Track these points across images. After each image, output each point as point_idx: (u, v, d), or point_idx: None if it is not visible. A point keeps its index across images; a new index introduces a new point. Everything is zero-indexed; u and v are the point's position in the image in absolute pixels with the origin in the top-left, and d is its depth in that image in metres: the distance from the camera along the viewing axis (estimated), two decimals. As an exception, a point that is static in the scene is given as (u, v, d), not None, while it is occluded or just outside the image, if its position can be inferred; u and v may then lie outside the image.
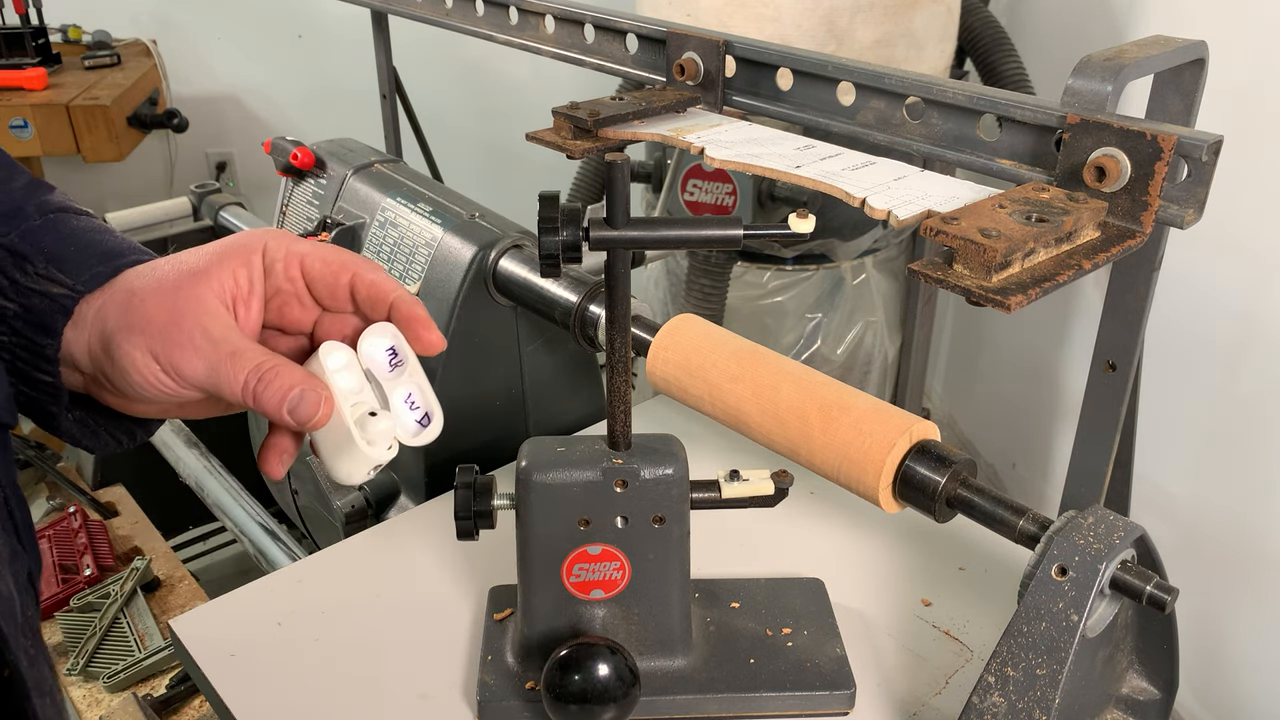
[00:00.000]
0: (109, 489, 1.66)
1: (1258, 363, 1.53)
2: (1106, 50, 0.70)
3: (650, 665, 0.70)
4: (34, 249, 0.52)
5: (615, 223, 0.58)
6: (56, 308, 0.52)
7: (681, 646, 0.71)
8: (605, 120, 0.88)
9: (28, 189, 0.56)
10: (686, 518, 0.68)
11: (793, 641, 0.74)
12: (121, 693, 1.24)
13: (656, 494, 0.66)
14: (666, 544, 0.68)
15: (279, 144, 1.24)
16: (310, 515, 1.25)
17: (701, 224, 0.59)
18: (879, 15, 1.44)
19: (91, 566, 1.43)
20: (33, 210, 0.54)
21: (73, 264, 0.53)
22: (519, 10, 1.16)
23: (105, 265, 0.53)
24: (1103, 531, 0.60)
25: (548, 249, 0.57)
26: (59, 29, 2.50)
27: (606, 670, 0.64)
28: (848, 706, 0.71)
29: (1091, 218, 0.66)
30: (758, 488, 0.68)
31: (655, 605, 0.70)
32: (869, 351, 1.88)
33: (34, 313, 0.52)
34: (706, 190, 1.63)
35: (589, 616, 0.69)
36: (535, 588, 0.69)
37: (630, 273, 0.62)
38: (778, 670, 0.71)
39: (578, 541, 0.67)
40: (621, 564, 0.68)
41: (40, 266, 0.52)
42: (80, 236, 0.54)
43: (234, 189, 2.87)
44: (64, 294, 0.52)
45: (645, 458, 0.66)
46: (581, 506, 0.66)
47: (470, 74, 2.84)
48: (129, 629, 1.33)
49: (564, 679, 0.64)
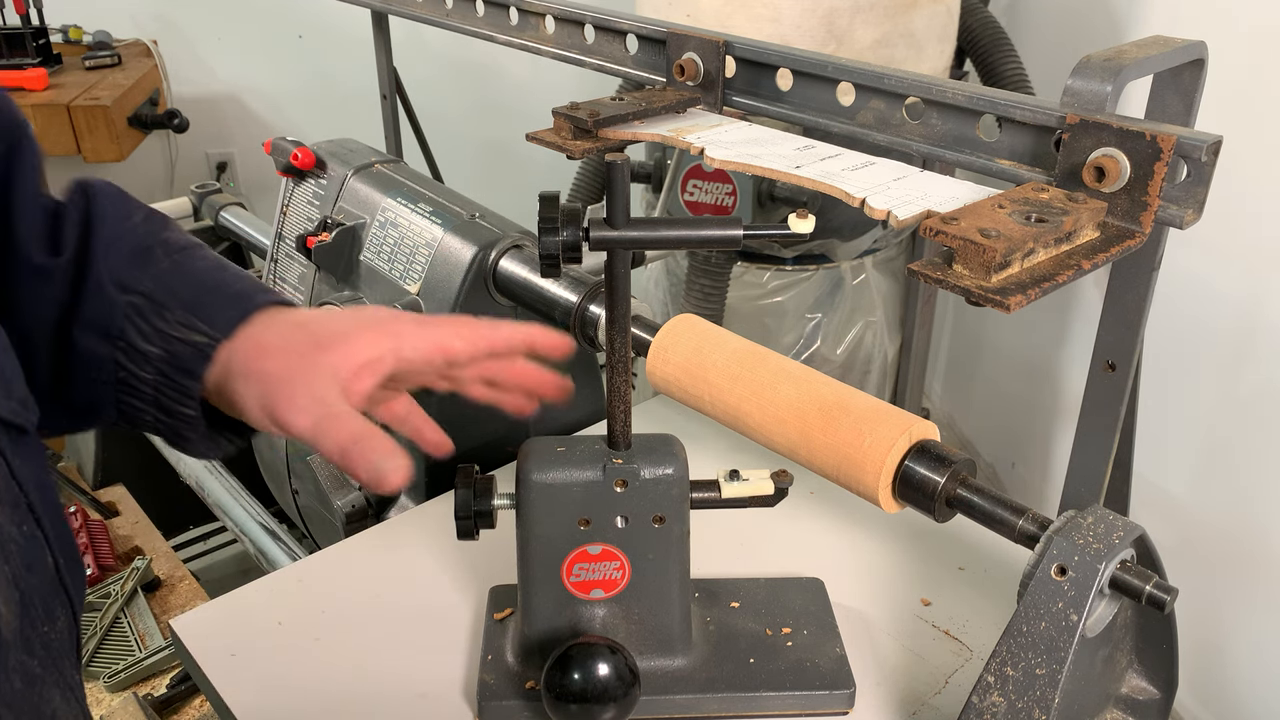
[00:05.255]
0: (110, 489, 1.66)
1: (1258, 363, 1.53)
2: (1106, 50, 0.70)
3: (650, 665, 0.70)
4: (169, 295, 0.57)
5: (615, 223, 0.58)
6: (199, 354, 0.57)
7: (681, 646, 0.71)
8: (605, 120, 0.89)
9: (146, 224, 0.60)
10: (686, 517, 0.68)
11: (793, 641, 0.74)
12: (122, 692, 1.24)
13: (657, 494, 0.66)
14: (667, 543, 0.68)
15: (279, 144, 1.24)
16: (310, 515, 1.25)
17: (701, 224, 0.60)
18: (879, 16, 1.44)
19: (92, 566, 1.43)
20: (160, 252, 0.59)
21: (207, 310, 0.58)
22: (519, 10, 1.16)
23: (236, 310, 0.58)
24: (1102, 531, 0.60)
25: (548, 249, 0.58)
26: (59, 29, 2.50)
27: (606, 670, 0.64)
28: (847, 706, 0.71)
29: (1091, 218, 0.66)
30: (758, 488, 0.68)
31: (655, 605, 0.70)
32: (869, 351, 1.88)
33: (178, 357, 0.57)
34: (706, 190, 1.63)
35: (589, 616, 0.69)
36: (535, 587, 0.69)
37: (630, 273, 0.63)
38: (777, 670, 0.71)
39: (578, 541, 0.67)
40: (622, 564, 0.68)
41: (179, 314, 0.57)
42: (207, 278, 0.59)
43: (234, 189, 2.86)
44: (205, 342, 0.57)
45: (645, 457, 0.66)
46: (581, 506, 0.66)
47: (470, 74, 2.83)
48: (129, 629, 1.33)
49: (564, 678, 0.64)
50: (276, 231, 1.28)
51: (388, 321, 0.61)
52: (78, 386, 0.57)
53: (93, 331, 0.56)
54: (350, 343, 0.58)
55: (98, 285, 0.57)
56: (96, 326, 0.56)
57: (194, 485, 1.35)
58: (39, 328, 0.56)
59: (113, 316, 0.57)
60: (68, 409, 0.58)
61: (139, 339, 0.57)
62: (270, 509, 1.28)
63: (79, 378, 0.57)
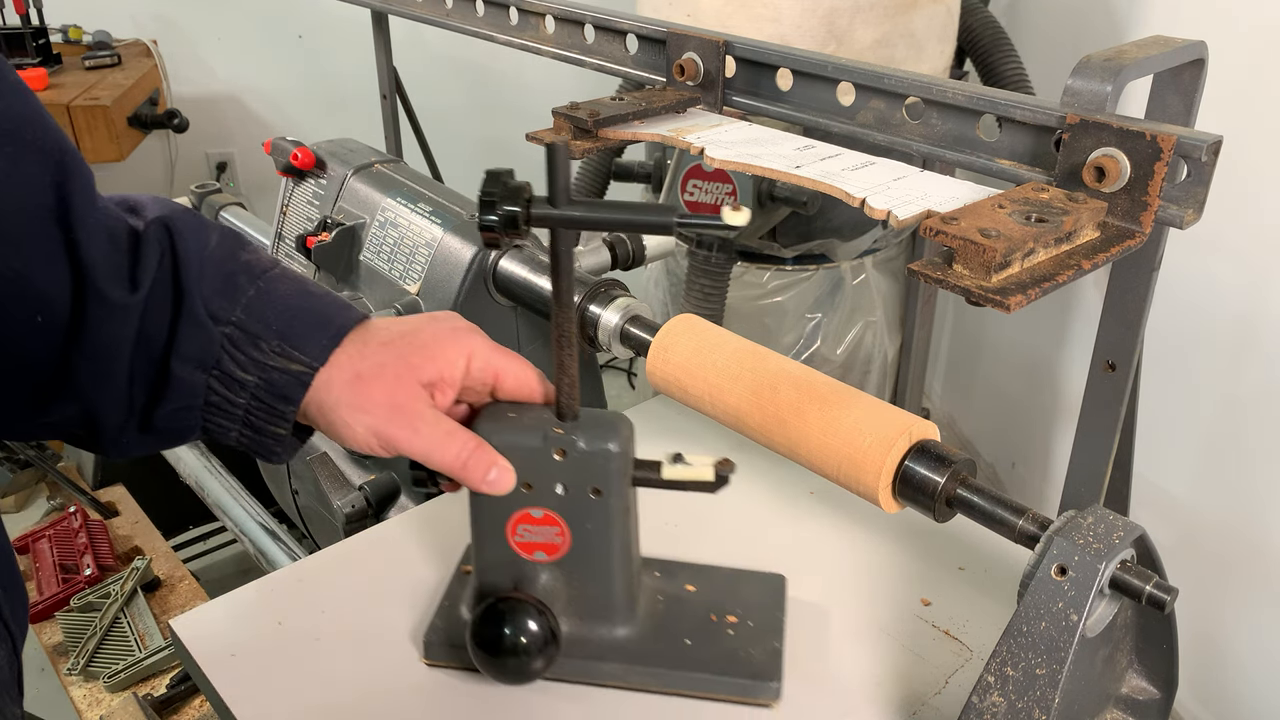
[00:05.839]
0: (109, 489, 1.66)
1: (1258, 363, 1.53)
2: (1106, 50, 0.70)
3: (587, 631, 0.73)
4: (261, 325, 0.60)
5: (556, 202, 0.61)
6: (297, 382, 0.60)
7: (623, 617, 0.73)
8: (605, 120, 0.89)
9: (223, 247, 0.61)
10: (626, 493, 0.69)
11: (734, 630, 0.75)
12: (122, 692, 1.24)
13: (594, 466, 0.68)
14: (606, 516, 0.69)
15: (279, 144, 1.24)
16: (310, 515, 1.25)
17: (638, 209, 0.63)
18: (879, 16, 1.44)
19: (92, 566, 1.43)
20: (244, 279, 0.61)
21: (300, 338, 0.61)
22: (519, 10, 1.16)
23: (327, 335, 0.62)
24: (1102, 531, 0.60)
25: (487, 223, 0.61)
26: (59, 29, 2.50)
27: (525, 627, 0.67)
28: (772, 699, 0.72)
29: (1091, 218, 0.66)
30: (698, 473, 0.69)
31: (595, 574, 0.72)
32: (869, 351, 1.88)
33: (275, 385, 0.60)
34: (706, 190, 1.63)
35: (533, 576, 0.71)
36: (484, 543, 0.72)
37: (573, 251, 0.65)
38: (710, 654, 0.73)
39: (521, 503, 0.69)
40: (562, 530, 0.70)
41: (273, 343, 0.60)
42: (294, 303, 0.62)
43: (234, 189, 2.87)
44: (303, 371, 0.60)
45: (587, 431, 0.68)
46: (524, 470, 0.68)
47: (470, 74, 2.84)
48: (129, 629, 1.33)
49: (484, 629, 0.68)
50: (276, 231, 1.28)
51: (465, 334, 0.66)
52: (168, 410, 0.59)
53: (190, 363, 0.59)
54: (436, 359, 0.64)
55: (194, 319, 0.58)
56: (194, 359, 0.59)
57: (194, 485, 1.35)
58: (116, 355, 0.57)
59: (209, 348, 0.59)
60: (153, 429, 0.60)
61: (235, 368, 0.59)
62: (270, 509, 1.28)
63: (171, 403, 0.59)
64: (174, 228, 0.60)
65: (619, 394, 2.90)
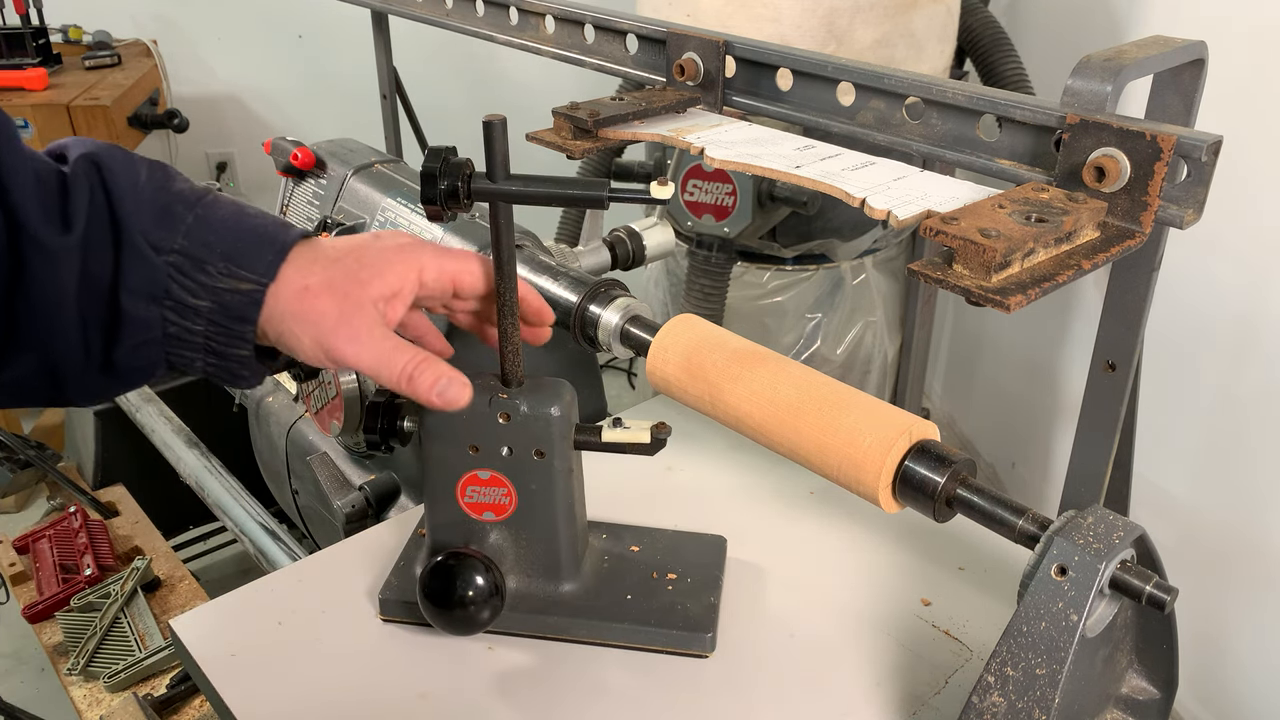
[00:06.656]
0: (109, 489, 1.66)
1: (1257, 363, 1.53)
2: (1106, 50, 0.70)
3: (534, 587, 0.77)
4: (205, 249, 0.59)
5: (494, 177, 0.65)
6: (250, 300, 0.60)
7: (568, 574, 0.77)
8: (605, 120, 0.89)
9: (153, 179, 0.61)
10: (568, 456, 0.73)
11: (673, 586, 0.79)
12: (122, 692, 1.24)
13: (537, 429, 0.71)
14: (549, 477, 0.73)
15: (279, 144, 1.24)
16: (310, 515, 1.25)
17: (570, 184, 0.66)
18: (879, 16, 1.44)
19: (92, 566, 1.43)
20: (180, 208, 0.60)
21: (245, 257, 0.60)
22: (519, 10, 1.16)
23: (272, 251, 0.61)
24: (1102, 531, 0.60)
25: (428, 196, 0.64)
26: (59, 29, 2.51)
27: (471, 580, 0.71)
28: (706, 650, 0.75)
29: (1091, 218, 0.66)
30: (635, 436, 0.73)
31: (540, 532, 0.75)
32: (869, 351, 1.88)
33: (229, 307, 0.60)
34: (706, 190, 1.63)
35: (482, 534, 0.75)
36: (436, 505, 0.76)
37: (513, 223, 0.69)
38: (649, 607, 0.77)
39: (470, 465, 0.73)
40: (509, 491, 0.74)
41: (220, 265, 0.59)
42: (234, 224, 0.61)
43: (234, 189, 2.87)
44: (253, 289, 0.60)
45: (530, 396, 0.72)
46: (471, 433, 0.72)
47: (470, 74, 2.84)
48: (129, 629, 1.33)
49: (432, 583, 0.71)
50: (276, 231, 1.28)
51: (411, 250, 0.66)
52: (127, 347, 0.59)
53: (140, 297, 0.58)
54: (384, 275, 0.64)
55: (136, 252, 0.58)
56: (142, 292, 0.58)
57: (194, 485, 1.35)
58: (62, 300, 0.57)
59: (156, 279, 0.59)
60: (116, 371, 0.60)
61: (186, 295, 0.59)
62: (270, 509, 1.28)
63: (128, 340, 0.59)
64: (102, 163, 0.59)
65: (619, 394, 2.89)
